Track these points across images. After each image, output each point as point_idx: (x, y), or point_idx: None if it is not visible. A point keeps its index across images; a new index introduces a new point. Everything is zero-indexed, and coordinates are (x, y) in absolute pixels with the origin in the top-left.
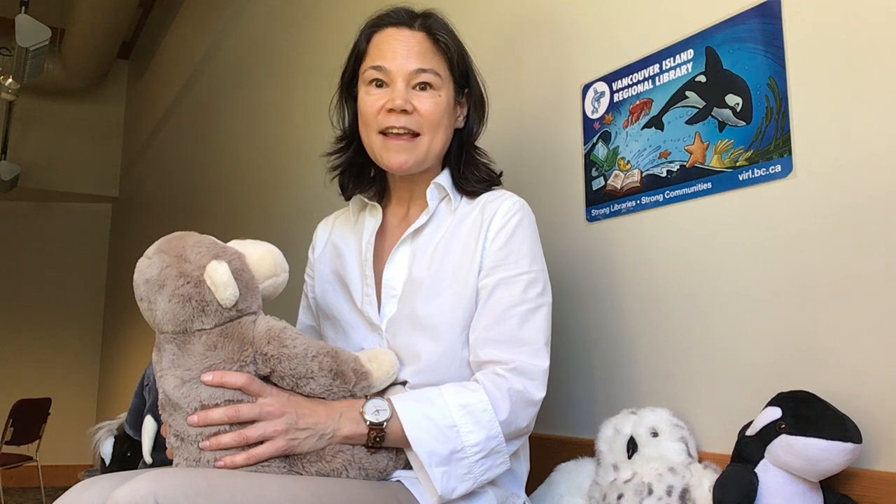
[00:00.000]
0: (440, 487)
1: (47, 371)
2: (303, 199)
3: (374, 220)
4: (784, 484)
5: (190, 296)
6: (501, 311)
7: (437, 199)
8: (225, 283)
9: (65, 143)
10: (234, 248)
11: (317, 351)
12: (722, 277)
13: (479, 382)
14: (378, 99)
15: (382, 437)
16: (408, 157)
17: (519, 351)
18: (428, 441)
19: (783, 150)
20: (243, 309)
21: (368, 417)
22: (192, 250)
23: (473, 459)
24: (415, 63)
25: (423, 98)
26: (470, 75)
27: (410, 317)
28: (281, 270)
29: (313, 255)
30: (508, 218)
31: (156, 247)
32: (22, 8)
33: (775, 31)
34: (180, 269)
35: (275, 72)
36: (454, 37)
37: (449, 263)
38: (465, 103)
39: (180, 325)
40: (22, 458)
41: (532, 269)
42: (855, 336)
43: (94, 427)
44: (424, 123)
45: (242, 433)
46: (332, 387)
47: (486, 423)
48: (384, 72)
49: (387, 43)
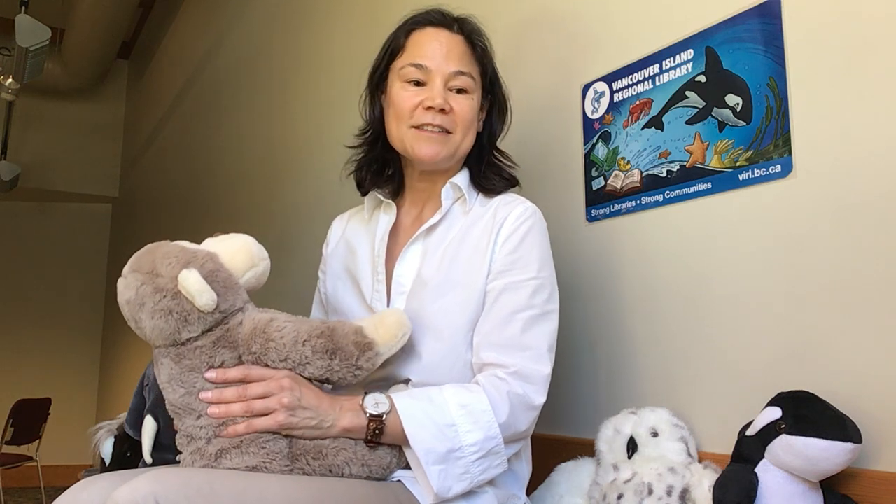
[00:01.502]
0: (436, 485)
1: (47, 371)
2: (303, 199)
3: (389, 218)
4: (784, 484)
5: (170, 309)
6: (506, 315)
7: (451, 199)
8: (199, 289)
9: (65, 143)
10: (205, 250)
11: (308, 334)
12: (722, 277)
13: (479, 384)
14: (415, 95)
15: (381, 429)
16: (440, 148)
17: (521, 356)
18: (426, 438)
19: (783, 150)
20: (227, 309)
21: (368, 409)
22: (162, 263)
23: (471, 459)
24: (455, 65)
25: (459, 99)
26: (495, 82)
27: (417, 314)
28: (259, 260)
29: (327, 251)
30: (520, 223)
31: (129, 266)
32: (22, 8)
33: (775, 31)
34: (155, 285)
35: (275, 71)
36: (485, 45)
37: (459, 264)
38: (485, 107)
39: (169, 339)
40: (22, 458)
41: (540, 275)
42: (855, 336)
43: (94, 427)
44: (458, 123)
45: (249, 402)
46: (331, 367)
47: (485, 424)
48: (424, 70)
49: (427, 42)
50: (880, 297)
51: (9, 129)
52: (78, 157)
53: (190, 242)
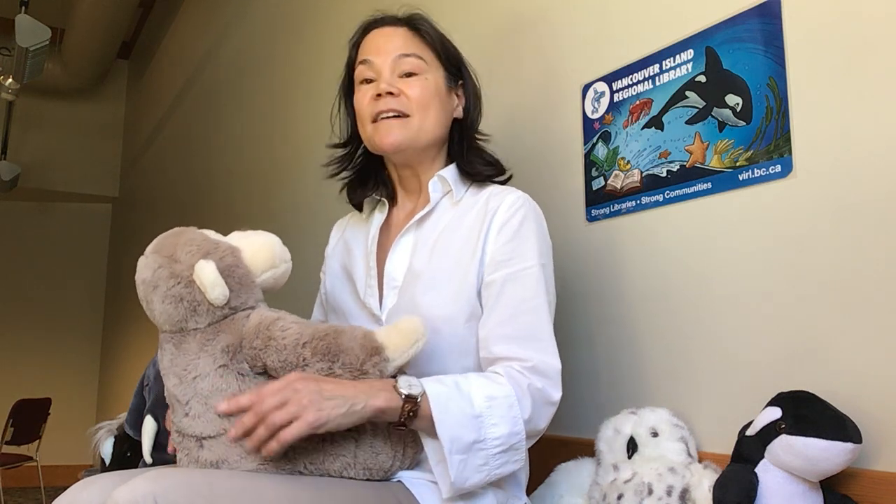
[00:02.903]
0: (454, 475)
1: (47, 371)
2: (303, 199)
3: (381, 216)
4: (784, 484)
5: (181, 296)
6: (514, 306)
7: (439, 192)
8: (213, 282)
9: (65, 143)
10: (228, 244)
11: (310, 336)
12: (722, 277)
13: (502, 376)
14: (367, 91)
15: (416, 411)
16: (398, 133)
17: (535, 348)
18: (452, 426)
19: (783, 150)
20: (237, 306)
21: (403, 390)
22: (183, 249)
23: (492, 452)
24: (397, 50)
25: (409, 83)
26: (461, 66)
27: (410, 307)
28: (280, 261)
29: (327, 252)
30: (514, 212)
31: (153, 245)
32: (22, 8)
33: (775, 31)
34: (171, 269)
35: (275, 71)
36: (436, 29)
37: (450, 255)
38: (462, 95)
39: (176, 325)
40: (22, 458)
41: (540, 262)
42: (855, 336)
43: (94, 427)
44: (413, 105)
45: (270, 420)
46: (332, 370)
47: (511, 419)
48: (370, 64)
49: (371, 42)
50: (880, 297)
51: (9, 129)
52: (78, 157)
53: (216, 233)
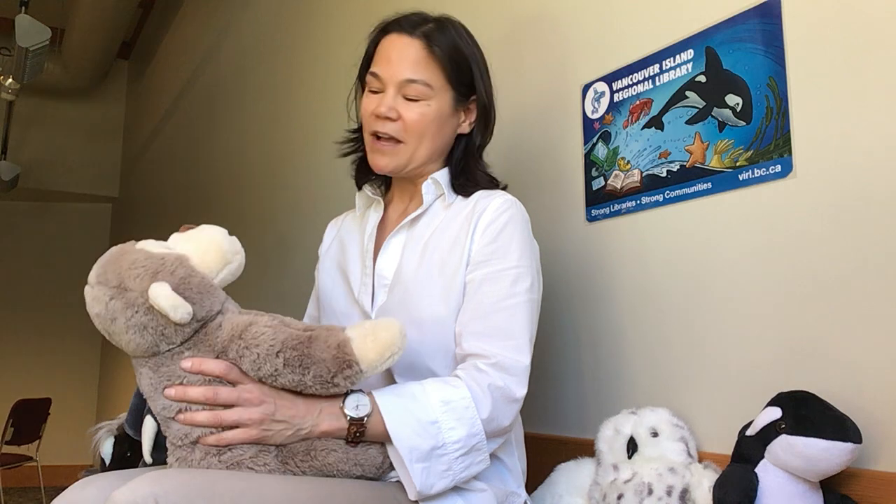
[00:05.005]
0: (419, 483)
1: (47, 371)
2: (303, 199)
3: (377, 215)
4: (784, 484)
5: (144, 325)
6: (488, 304)
7: (433, 194)
8: (172, 305)
9: (65, 143)
10: (173, 254)
11: (283, 344)
12: (722, 277)
13: (460, 378)
14: (371, 103)
15: (363, 432)
16: (388, 161)
17: (503, 345)
18: (409, 436)
19: (783, 150)
20: (204, 316)
21: (349, 412)
22: (129, 275)
23: (454, 456)
24: (405, 73)
25: (410, 107)
26: (476, 84)
27: (398, 306)
28: (232, 255)
29: (321, 251)
30: (499, 214)
31: (94, 274)
32: (22, 8)
33: (775, 31)
34: (125, 299)
35: (275, 71)
36: (455, 46)
37: (438, 256)
38: (472, 109)
39: (148, 351)
40: (22, 458)
41: (520, 264)
42: (855, 336)
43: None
44: (408, 132)
45: (218, 414)
46: (304, 381)
47: (468, 420)
48: (378, 78)
49: (385, 49)
50: (880, 297)
51: (9, 129)
52: (78, 157)
53: (156, 242)
